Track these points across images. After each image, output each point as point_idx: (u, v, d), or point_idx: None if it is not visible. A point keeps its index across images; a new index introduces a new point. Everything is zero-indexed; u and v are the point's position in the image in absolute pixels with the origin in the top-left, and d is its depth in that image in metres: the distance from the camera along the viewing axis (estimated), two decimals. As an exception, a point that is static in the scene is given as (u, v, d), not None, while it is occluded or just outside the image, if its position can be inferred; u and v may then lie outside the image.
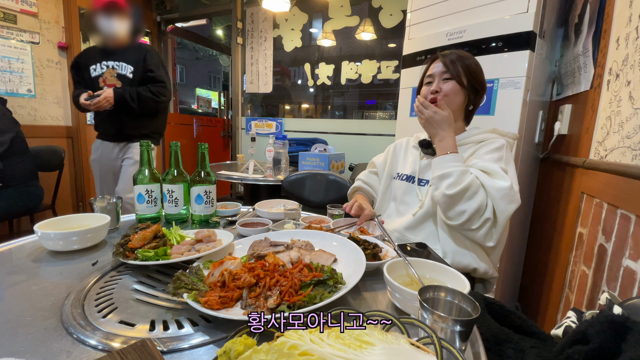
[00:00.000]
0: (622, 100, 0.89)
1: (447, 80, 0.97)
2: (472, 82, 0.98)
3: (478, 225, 0.86)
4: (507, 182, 0.86)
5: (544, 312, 1.37)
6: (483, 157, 0.94)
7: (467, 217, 0.85)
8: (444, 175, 0.88)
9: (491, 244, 0.88)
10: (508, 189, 0.85)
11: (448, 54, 0.99)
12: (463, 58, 0.97)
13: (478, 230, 0.87)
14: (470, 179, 0.86)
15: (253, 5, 3.19)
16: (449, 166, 0.89)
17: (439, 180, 0.89)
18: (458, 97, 0.97)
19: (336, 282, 0.57)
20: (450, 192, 0.85)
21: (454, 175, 0.86)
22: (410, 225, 1.02)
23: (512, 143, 1.04)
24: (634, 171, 0.76)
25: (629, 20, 0.89)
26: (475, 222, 0.86)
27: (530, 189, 1.62)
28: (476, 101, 1.03)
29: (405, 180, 1.09)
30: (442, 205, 0.90)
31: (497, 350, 0.59)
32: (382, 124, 2.86)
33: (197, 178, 1.00)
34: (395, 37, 2.71)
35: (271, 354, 0.34)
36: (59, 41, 2.84)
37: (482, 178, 0.88)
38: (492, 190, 0.85)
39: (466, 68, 0.96)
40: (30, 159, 2.11)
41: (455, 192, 0.85)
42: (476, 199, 0.85)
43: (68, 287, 0.61)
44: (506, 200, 0.85)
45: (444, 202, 0.88)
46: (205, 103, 8.69)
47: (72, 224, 0.85)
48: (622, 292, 0.77)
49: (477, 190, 0.85)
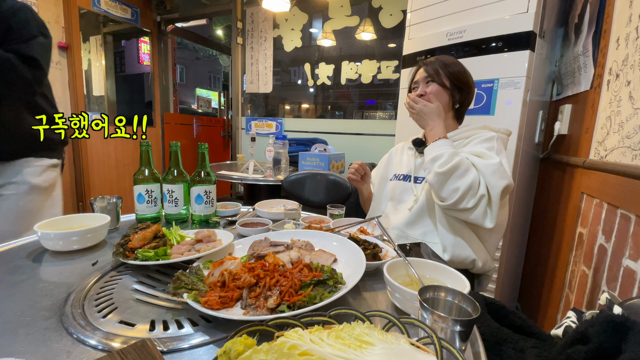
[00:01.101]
0: (622, 100, 0.89)
1: (429, 82, 1.03)
2: (455, 82, 1.02)
3: (474, 202, 0.86)
4: (496, 159, 0.88)
5: (544, 312, 1.37)
6: (475, 147, 0.97)
7: (461, 193, 0.86)
8: (436, 157, 0.91)
9: (490, 224, 0.88)
10: (498, 165, 0.87)
11: (430, 62, 1.05)
12: (444, 62, 1.03)
13: (474, 209, 0.87)
14: (461, 157, 0.89)
15: (253, 5, 3.19)
16: (439, 149, 0.91)
17: (431, 162, 0.92)
18: (442, 97, 1.02)
19: (336, 282, 0.57)
20: (442, 169, 0.87)
21: (444, 155, 0.89)
22: (408, 221, 1.02)
23: (504, 138, 1.04)
24: (634, 171, 0.76)
25: (629, 20, 0.89)
26: (470, 199, 0.86)
27: (530, 189, 1.62)
28: (463, 100, 1.06)
29: (402, 180, 1.11)
30: (435, 186, 0.90)
31: (497, 350, 0.59)
32: (382, 124, 2.86)
33: (197, 178, 1.00)
34: (395, 37, 2.71)
35: (271, 354, 0.34)
36: (59, 41, 2.84)
37: (472, 158, 0.91)
38: (482, 167, 0.88)
39: (447, 71, 1.02)
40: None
41: (446, 169, 0.87)
42: (468, 176, 0.86)
43: (68, 287, 0.61)
44: (497, 176, 0.86)
45: (437, 181, 0.89)
46: (205, 103, 8.69)
47: (72, 224, 0.85)
48: (622, 292, 0.77)
49: (468, 167, 0.88)
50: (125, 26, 3.49)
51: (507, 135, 1.06)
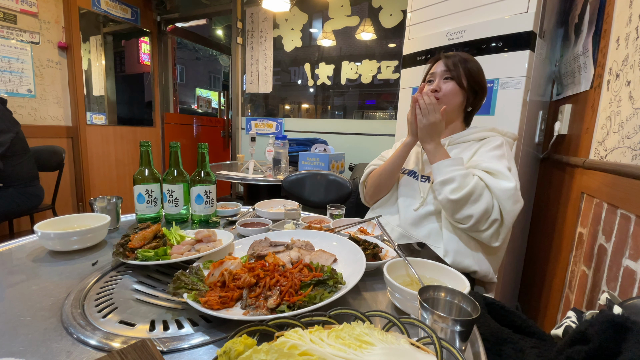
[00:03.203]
0: (622, 100, 0.89)
1: (447, 79, 0.99)
2: (472, 84, 0.99)
3: (486, 226, 0.86)
4: (512, 182, 0.86)
5: (544, 312, 1.37)
6: (485, 155, 0.95)
7: (475, 220, 0.85)
8: (446, 180, 0.88)
9: (497, 243, 0.88)
10: (513, 190, 0.85)
11: (451, 55, 1.01)
12: (465, 60, 0.99)
13: (485, 231, 0.87)
14: (474, 182, 0.86)
15: (253, 5, 3.19)
16: (449, 171, 0.88)
17: (441, 185, 0.89)
18: (457, 97, 0.99)
19: (336, 282, 0.57)
20: (455, 197, 0.85)
21: (456, 180, 0.86)
22: (414, 221, 1.01)
23: (511, 143, 1.04)
24: (634, 171, 0.76)
25: (629, 20, 0.89)
26: (483, 224, 0.86)
27: (530, 189, 1.62)
28: (475, 103, 1.04)
29: (408, 175, 1.09)
30: (448, 211, 0.89)
31: (497, 350, 0.59)
32: (382, 124, 2.86)
33: (197, 178, 1.00)
34: (395, 37, 2.71)
35: (271, 354, 0.34)
36: (59, 41, 2.84)
37: (487, 179, 0.87)
38: (497, 192, 0.85)
39: (467, 70, 0.98)
40: (30, 159, 2.11)
41: (459, 197, 0.84)
42: (482, 201, 0.84)
43: (68, 287, 0.61)
44: (512, 201, 0.85)
45: (450, 208, 0.88)
46: (205, 103, 8.69)
47: (72, 224, 0.85)
48: (622, 292, 0.77)
49: (482, 192, 0.85)
50: (125, 26, 3.49)
51: (514, 139, 1.06)
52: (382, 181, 1.11)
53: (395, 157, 1.06)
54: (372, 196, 1.17)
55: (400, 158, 1.05)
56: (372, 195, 1.16)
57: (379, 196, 1.15)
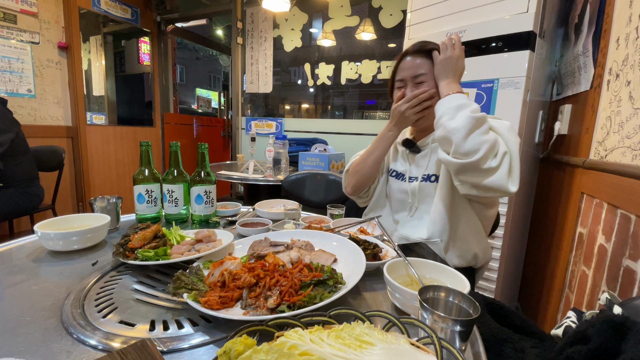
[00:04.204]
0: (622, 100, 0.89)
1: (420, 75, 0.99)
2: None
3: (498, 162, 0.81)
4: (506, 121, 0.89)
5: (544, 312, 1.37)
6: None
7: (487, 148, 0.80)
8: (462, 104, 0.85)
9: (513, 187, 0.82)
10: (510, 125, 0.88)
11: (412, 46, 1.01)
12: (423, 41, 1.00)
13: (498, 168, 0.82)
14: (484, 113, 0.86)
15: (253, 5, 3.19)
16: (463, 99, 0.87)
17: (456, 110, 0.85)
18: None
19: (336, 282, 0.57)
20: (476, 115, 0.82)
21: (472, 105, 0.86)
22: (411, 225, 1.01)
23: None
24: (634, 171, 0.76)
25: (629, 20, 0.89)
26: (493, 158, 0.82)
27: (530, 189, 1.62)
28: None
29: (395, 178, 1.08)
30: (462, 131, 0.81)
31: (497, 350, 0.59)
32: (382, 124, 2.85)
33: (197, 178, 1.00)
34: (395, 37, 2.71)
35: (271, 354, 0.34)
36: (59, 41, 2.84)
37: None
38: (497, 126, 0.87)
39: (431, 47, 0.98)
40: (30, 159, 2.11)
41: (480, 116, 0.82)
42: (491, 133, 0.84)
43: (68, 287, 0.61)
44: (513, 133, 0.86)
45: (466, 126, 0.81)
46: (205, 103, 8.68)
47: (72, 224, 0.85)
48: (622, 292, 0.77)
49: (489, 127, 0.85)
50: (125, 26, 3.49)
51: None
52: (364, 170, 1.07)
53: (377, 145, 1.05)
54: (353, 186, 1.12)
55: (382, 144, 1.04)
56: (354, 186, 1.11)
57: (362, 187, 1.11)
